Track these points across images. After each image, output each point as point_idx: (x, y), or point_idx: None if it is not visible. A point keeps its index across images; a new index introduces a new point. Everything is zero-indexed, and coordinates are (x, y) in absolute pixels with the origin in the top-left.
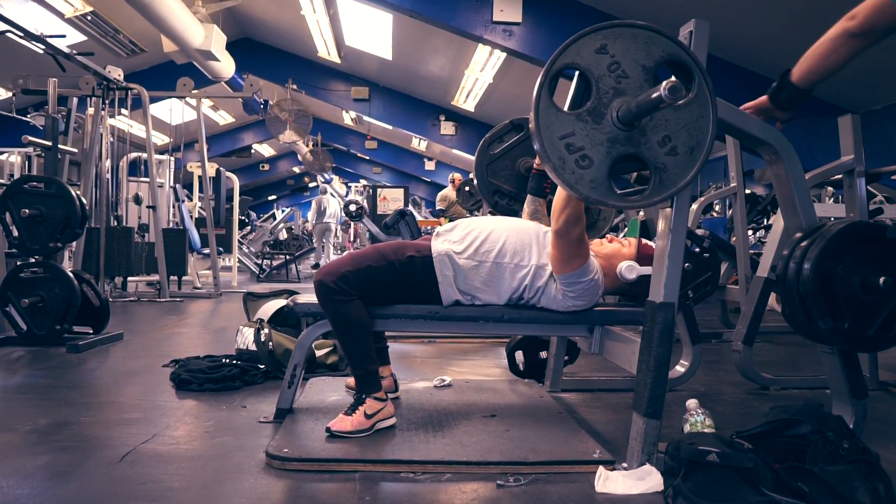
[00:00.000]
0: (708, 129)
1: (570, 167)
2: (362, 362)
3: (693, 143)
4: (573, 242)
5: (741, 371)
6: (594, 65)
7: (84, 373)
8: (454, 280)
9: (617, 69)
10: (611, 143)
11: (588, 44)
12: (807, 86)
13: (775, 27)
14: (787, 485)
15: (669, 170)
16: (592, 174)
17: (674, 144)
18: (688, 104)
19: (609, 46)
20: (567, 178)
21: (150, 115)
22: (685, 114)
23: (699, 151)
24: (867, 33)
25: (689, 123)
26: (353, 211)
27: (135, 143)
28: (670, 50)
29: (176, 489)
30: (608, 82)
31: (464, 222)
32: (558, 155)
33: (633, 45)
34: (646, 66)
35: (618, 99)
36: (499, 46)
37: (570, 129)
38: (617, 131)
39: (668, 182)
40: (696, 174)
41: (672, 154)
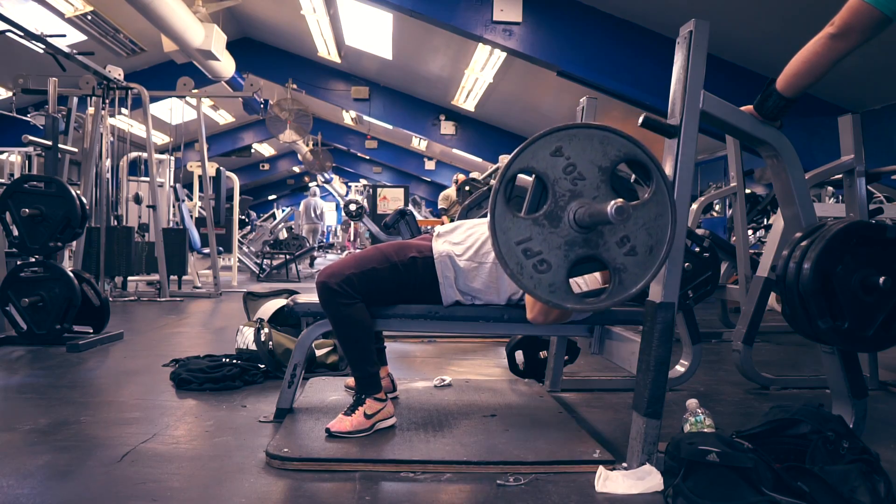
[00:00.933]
0: (667, 228)
1: (529, 272)
2: (363, 364)
3: (652, 241)
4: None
5: (741, 371)
6: (550, 168)
7: (84, 372)
8: (455, 281)
9: (573, 171)
10: (569, 247)
11: (543, 147)
12: (791, 93)
13: (774, 26)
14: (787, 485)
15: (629, 270)
16: (551, 278)
17: (633, 244)
18: (645, 203)
19: (564, 149)
20: (525, 284)
21: (150, 114)
22: (644, 213)
23: (659, 250)
24: (845, 34)
25: (648, 223)
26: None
27: (135, 143)
28: (626, 150)
29: (176, 489)
30: (564, 185)
31: (465, 223)
32: (516, 260)
33: (588, 146)
34: (602, 166)
35: (575, 201)
36: (499, 46)
37: (528, 234)
38: (574, 234)
39: (628, 282)
40: (656, 273)
41: (631, 254)
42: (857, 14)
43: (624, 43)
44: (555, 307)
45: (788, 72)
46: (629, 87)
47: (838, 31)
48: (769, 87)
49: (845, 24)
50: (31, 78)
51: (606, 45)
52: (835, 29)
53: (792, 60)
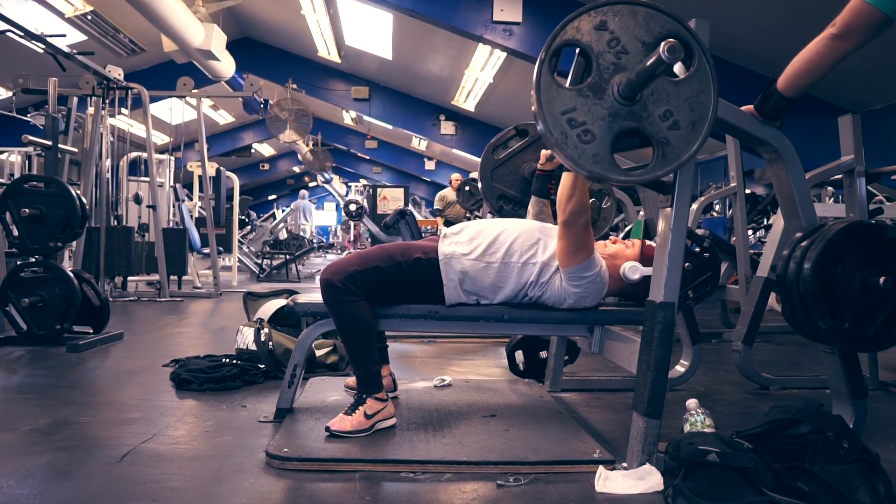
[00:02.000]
0: (709, 104)
1: (573, 142)
2: (365, 363)
3: (695, 117)
4: (580, 231)
5: (741, 371)
6: (594, 41)
7: (84, 372)
8: (461, 282)
9: (617, 45)
10: (612, 118)
11: (588, 20)
12: (792, 93)
13: (774, 25)
14: (787, 485)
15: (672, 144)
16: (595, 149)
17: (676, 119)
18: (688, 79)
19: (609, 23)
20: (570, 154)
21: (150, 114)
22: (686, 88)
23: (701, 125)
24: (847, 34)
25: (691, 98)
26: (353, 211)
27: (135, 143)
28: (670, 27)
29: (176, 489)
30: (608, 58)
31: (473, 225)
32: (561, 130)
33: (632, 22)
34: (646, 42)
35: (618, 74)
36: (499, 46)
37: (572, 105)
38: (618, 106)
39: (671, 156)
40: (699, 148)
41: (674, 128)
42: (859, 15)
43: None
44: (598, 178)
45: (789, 72)
46: None
47: (840, 31)
48: (770, 87)
49: (847, 25)
50: (31, 78)
51: None
52: (836, 30)
53: (793, 61)
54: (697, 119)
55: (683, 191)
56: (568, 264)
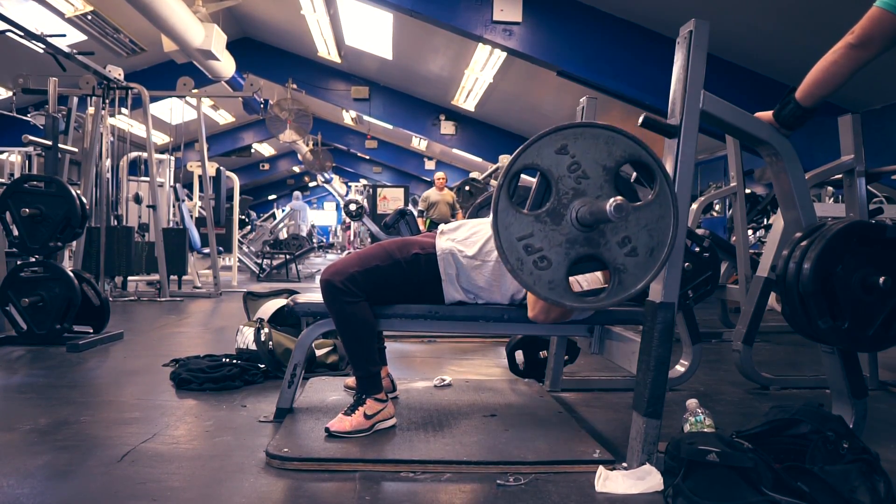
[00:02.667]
0: (669, 229)
1: (529, 268)
2: (365, 363)
3: (654, 243)
4: (551, 320)
5: (741, 371)
6: (554, 165)
7: (84, 372)
8: (457, 278)
9: (577, 170)
10: (570, 244)
11: (549, 144)
12: (810, 103)
13: (774, 25)
14: (787, 485)
15: (629, 271)
16: (550, 275)
17: (634, 245)
18: (649, 204)
19: (570, 147)
20: (525, 280)
21: (151, 114)
22: (646, 214)
23: (660, 251)
24: (865, 44)
25: (650, 224)
26: (353, 210)
27: (135, 143)
28: (631, 150)
29: (176, 489)
30: (568, 183)
31: (469, 222)
32: (516, 256)
33: (593, 146)
34: (606, 166)
35: (578, 200)
36: (499, 46)
37: (530, 231)
38: (576, 232)
39: (627, 283)
40: (656, 274)
41: (632, 255)
42: (878, 23)
43: (624, 43)
44: (553, 304)
45: (808, 81)
46: (629, 87)
47: (858, 40)
48: (788, 95)
49: (865, 34)
50: (31, 78)
51: (606, 45)
52: (854, 38)
53: (811, 70)
54: (656, 245)
55: (683, 191)
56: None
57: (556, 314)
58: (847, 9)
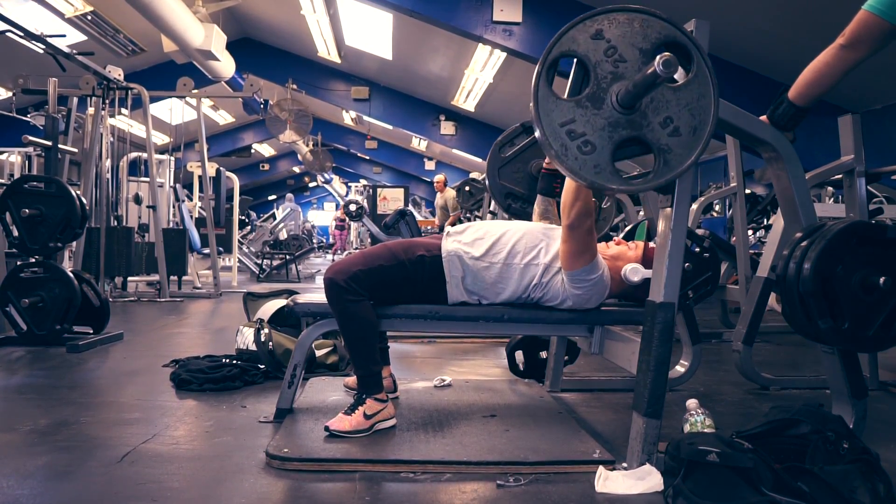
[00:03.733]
0: (710, 108)
1: (573, 154)
2: (366, 363)
3: (696, 122)
4: (584, 235)
5: (741, 371)
6: (591, 51)
7: (84, 373)
8: (462, 280)
9: (614, 54)
10: (612, 128)
11: (583, 30)
12: (802, 102)
13: (774, 25)
14: (787, 485)
15: (673, 150)
16: (595, 159)
17: (676, 125)
18: (688, 84)
19: (605, 31)
20: (570, 165)
21: (150, 114)
22: (686, 94)
23: (702, 131)
24: (855, 45)
25: (691, 104)
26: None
27: (135, 143)
28: (667, 32)
29: (176, 489)
30: (606, 67)
31: (475, 224)
32: (560, 142)
33: (628, 29)
34: (643, 49)
35: (616, 83)
36: (499, 46)
37: (571, 116)
38: (618, 115)
39: (672, 163)
40: (700, 153)
41: (675, 135)
42: (867, 25)
43: None
44: (599, 188)
45: (800, 81)
46: None
47: (848, 42)
48: (781, 95)
49: (855, 36)
50: (31, 78)
51: None
52: (845, 40)
53: (804, 70)
54: (698, 124)
55: (683, 191)
56: (571, 267)
57: (591, 223)
58: (847, 9)
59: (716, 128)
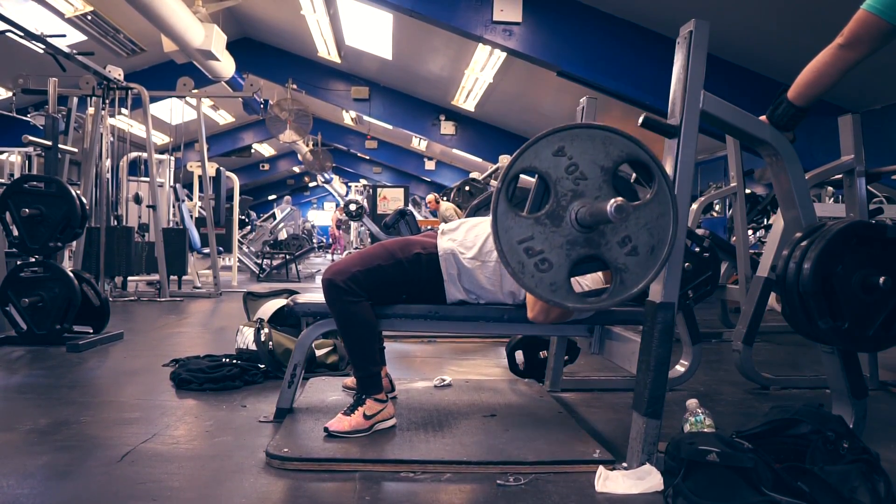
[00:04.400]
0: (669, 228)
1: (530, 271)
2: (365, 363)
3: (654, 241)
4: (551, 321)
5: (741, 371)
6: (552, 168)
7: (84, 372)
8: (459, 278)
9: (575, 171)
10: (570, 246)
11: (546, 146)
12: (801, 102)
13: (774, 25)
14: (787, 485)
15: (631, 270)
16: (552, 277)
17: (634, 244)
18: (648, 203)
19: (566, 148)
20: (527, 282)
21: (150, 114)
22: (645, 213)
23: (660, 250)
24: (853, 45)
25: (650, 223)
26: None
27: (135, 143)
28: (629, 150)
29: (176, 489)
30: (566, 185)
31: (468, 222)
32: (518, 259)
33: (590, 147)
34: (604, 166)
35: (577, 201)
36: (499, 46)
37: (530, 234)
38: (576, 233)
39: (629, 282)
40: (658, 273)
41: (633, 254)
42: (865, 25)
43: (624, 43)
44: (556, 306)
45: (799, 81)
46: (629, 87)
47: (847, 41)
48: (780, 95)
49: (853, 35)
50: (31, 78)
51: (606, 45)
52: (843, 40)
53: (804, 70)
54: (657, 243)
55: (683, 191)
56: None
57: (556, 315)
58: (847, 9)
59: (715, 126)
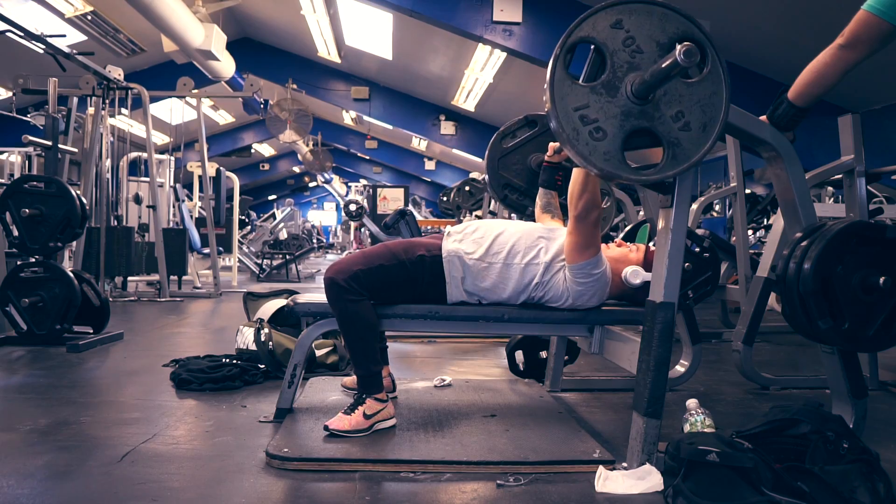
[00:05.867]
0: (721, 106)
1: (584, 139)
2: (366, 363)
3: (706, 119)
4: (591, 227)
5: (741, 371)
6: (609, 39)
7: (84, 372)
8: (462, 281)
9: (632, 44)
10: (624, 117)
11: (604, 18)
12: (802, 102)
13: (774, 25)
14: (787, 485)
15: (682, 145)
16: (606, 146)
17: (687, 120)
18: (701, 80)
19: (624, 21)
20: (581, 150)
21: (150, 114)
22: (699, 90)
23: (712, 128)
24: (854, 45)
25: (703, 100)
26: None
27: (135, 143)
28: (684, 28)
29: (176, 489)
30: (623, 57)
31: (474, 224)
32: (572, 126)
33: (647, 21)
34: (660, 42)
35: (632, 73)
36: (499, 46)
37: (585, 101)
38: (631, 105)
39: (681, 157)
40: (709, 149)
41: (685, 129)
42: (866, 25)
43: None
44: (608, 176)
45: (799, 81)
46: None
47: (847, 42)
48: (781, 95)
49: (854, 36)
50: (31, 78)
51: None
52: (844, 40)
53: (804, 70)
54: (708, 121)
55: (683, 191)
56: (576, 260)
57: (598, 214)
58: (847, 9)
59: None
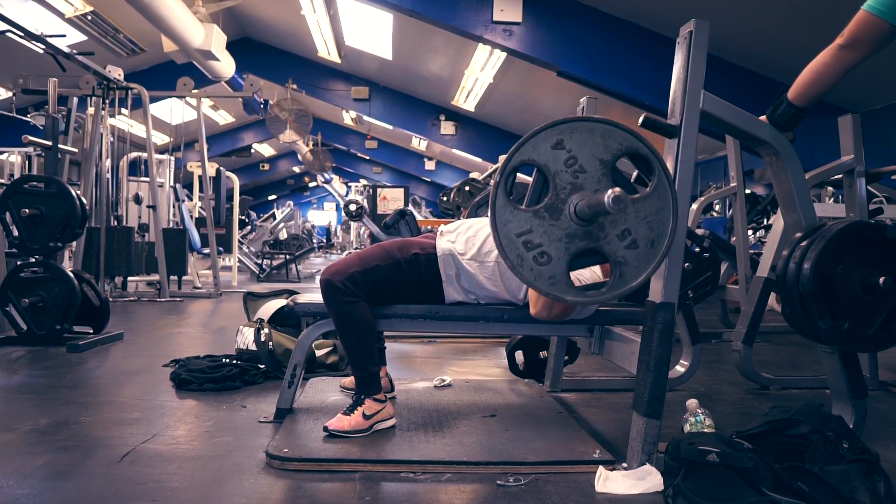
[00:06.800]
0: (668, 221)
1: (529, 264)
2: (364, 364)
3: (654, 235)
4: (554, 317)
5: (741, 371)
6: (551, 161)
7: (84, 372)
8: (457, 279)
9: (574, 164)
10: (569, 239)
11: (544, 139)
12: (802, 102)
13: (774, 25)
14: (787, 485)
15: (630, 263)
16: (551, 270)
17: (634, 238)
18: (647, 196)
19: (566, 141)
20: (526, 276)
21: (150, 114)
22: (644, 206)
23: (660, 243)
24: (853, 45)
25: (649, 216)
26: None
27: (135, 143)
28: (628, 143)
29: (176, 489)
30: (565, 178)
31: (466, 223)
32: (516, 252)
33: (590, 140)
34: (603, 159)
35: (575, 194)
36: (499, 46)
37: (528, 227)
38: (575, 226)
39: (629, 276)
40: (657, 266)
41: (632, 247)
42: (866, 26)
43: (624, 43)
44: (554, 300)
45: (799, 81)
46: (629, 87)
47: (847, 42)
48: (781, 95)
49: (853, 36)
50: (31, 78)
51: (606, 45)
52: (844, 40)
53: (804, 71)
54: (656, 237)
55: (683, 191)
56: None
57: (559, 311)
58: (847, 9)
59: (715, 126)
